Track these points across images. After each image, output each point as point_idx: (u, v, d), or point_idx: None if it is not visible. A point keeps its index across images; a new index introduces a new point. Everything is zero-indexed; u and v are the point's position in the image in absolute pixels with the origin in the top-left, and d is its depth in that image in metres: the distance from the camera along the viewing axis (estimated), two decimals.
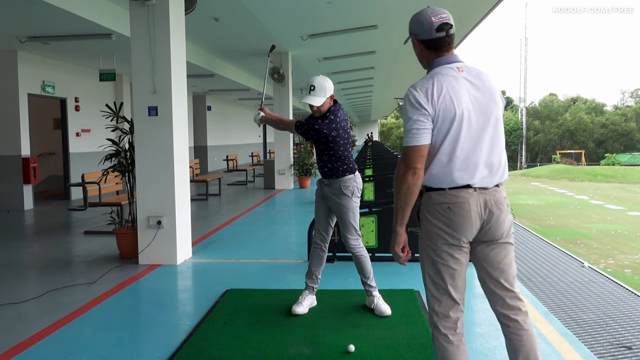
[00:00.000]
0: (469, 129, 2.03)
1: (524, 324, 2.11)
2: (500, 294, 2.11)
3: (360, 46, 11.33)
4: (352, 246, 3.62)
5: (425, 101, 2.01)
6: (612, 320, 6.28)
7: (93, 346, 3.20)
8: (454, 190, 2.04)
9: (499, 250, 2.11)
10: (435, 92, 2.01)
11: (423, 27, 2.12)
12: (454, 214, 2.04)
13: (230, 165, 15.47)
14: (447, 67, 2.09)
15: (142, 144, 5.18)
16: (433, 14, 2.11)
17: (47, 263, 5.42)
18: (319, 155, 3.64)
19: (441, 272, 2.11)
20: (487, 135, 2.06)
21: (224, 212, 9.00)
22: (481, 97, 2.06)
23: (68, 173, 10.82)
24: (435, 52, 2.13)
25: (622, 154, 54.94)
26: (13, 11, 6.44)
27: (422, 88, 2.04)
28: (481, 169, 2.05)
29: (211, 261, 5.39)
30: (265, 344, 3.15)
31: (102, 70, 9.58)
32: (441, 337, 2.13)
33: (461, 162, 2.03)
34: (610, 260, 12.70)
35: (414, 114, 2.02)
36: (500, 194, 2.09)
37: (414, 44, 2.20)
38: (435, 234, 2.09)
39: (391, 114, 61.20)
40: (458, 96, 2.02)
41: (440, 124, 2.02)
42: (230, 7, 7.62)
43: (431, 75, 2.08)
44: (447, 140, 2.02)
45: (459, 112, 2.01)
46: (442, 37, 2.09)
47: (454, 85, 2.04)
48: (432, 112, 2.01)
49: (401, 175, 2.04)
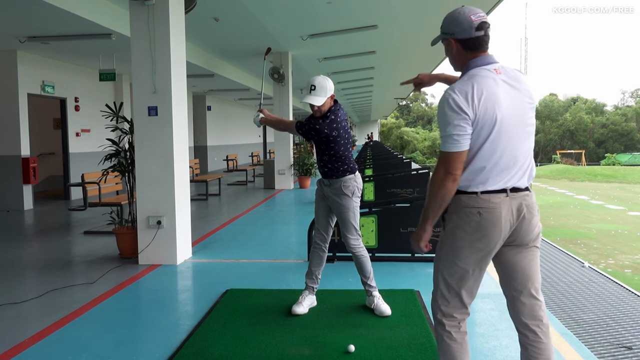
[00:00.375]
0: (507, 134, 1.98)
1: (544, 336, 2.06)
2: (525, 301, 2.07)
3: (360, 46, 11.33)
4: (352, 246, 3.62)
5: (466, 105, 1.94)
6: (612, 320, 6.27)
7: (93, 346, 3.20)
8: (486, 195, 1.99)
9: (526, 254, 2.06)
10: (476, 96, 1.94)
11: (462, 26, 2.04)
12: (483, 219, 1.99)
13: (230, 165, 15.47)
14: (484, 68, 2.02)
15: (142, 144, 5.17)
16: (471, 13, 2.03)
17: (47, 263, 5.42)
18: (320, 156, 3.64)
19: (458, 276, 2.06)
20: (523, 139, 2.02)
21: (224, 212, 8.99)
22: (519, 101, 2.01)
23: (68, 173, 10.82)
24: (473, 52, 2.05)
25: (622, 154, 54.93)
26: (13, 11, 6.43)
27: (462, 91, 1.96)
28: (516, 173, 2.01)
29: (211, 261, 5.38)
30: (265, 344, 3.15)
31: (102, 70, 9.57)
32: (445, 335, 2.11)
33: (498, 167, 1.99)
34: (611, 260, 12.69)
35: (455, 119, 1.95)
36: (532, 198, 2.05)
37: (449, 44, 2.11)
38: (460, 237, 2.03)
39: (391, 114, 61.24)
40: (498, 100, 1.96)
41: (480, 129, 1.96)
42: (230, 7, 7.62)
43: (470, 78, 2.00)
44: (486, 145, 1.97)
45: (499, 117, 1.95)
46: (481, 36, 2.03)
47: (493, 88, 1.97)
48: (473, 116, 1.94)
49: (440, 179, 1.98)
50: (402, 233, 5.11)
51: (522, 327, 2.09)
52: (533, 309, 2.07)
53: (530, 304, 2.07)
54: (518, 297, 2.08)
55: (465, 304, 2.10)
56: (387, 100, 31.56)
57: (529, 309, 2.07)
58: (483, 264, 2.06)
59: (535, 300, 2.07)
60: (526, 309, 2.07)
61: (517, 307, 2.09)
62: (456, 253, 2.05)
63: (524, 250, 2.06)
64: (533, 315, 2.07)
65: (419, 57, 14.32)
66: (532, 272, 2.07)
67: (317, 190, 3.76)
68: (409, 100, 75.37)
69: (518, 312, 2.09)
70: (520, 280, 2.07)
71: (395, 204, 5.35)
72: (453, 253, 2.06)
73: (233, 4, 7.45)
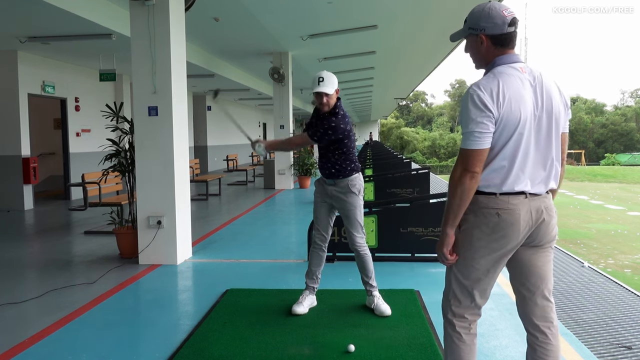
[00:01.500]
0: (530, 135, 1.94)
1: (554, 338, 2.05)
2: (537, 302, 2.05)
3: (360, 46, 11.33)
4: (358, 244, 3.62)
5: (491, 102, 1.89)
6: (612, 320, 6.27)
7: (93, 346, 3.20)
8: (505, 196, 1.96)
9: (542, 255, 2.05)
10: (501, 94, 1.90)
11: (495, 21, 1.97)
12: (502, 220, 1.95)
13: (230, 165, 15.47)
14: (510, 66, 1.98)
15: (142, 144, 5.17)
16: (503, 8, 1.99)
17: (47, 263, 5.42)
18: (327, 156, 3.58)
19: (472, 277, 2.04)
20: (546, 141, 1.98)
21: (224, 212, 9.00)
22: (544, 101, 1.97)
23: (68, 173, 10.82)
24: (502, 49, 2.01)
25: (622, 154, 54.95)
26: (13, 11, 6.44)
27: (487, 88, 1.91)
28: (537, 175, 1.98)
29: (211, 261, 5.39)
30: (265, 344, 3.15)
31: (102, 70, 9.58)
32: (455, 335, 2.10)
33: (520, 169, 1.95)
34: (610, 260, 12.70)
35: (478, 116, 1.90)
36: (551, 200, 2.03)
37: (478, 40, 2.03)
38: (477, 238, 2.00)
39: (391, 114, 61.20)
40: (523, 100, 1.92)
41: (503, 128, 1.91)
42: (230, 7, 7.62)
43: (495, 75, 1.96)
44: (509, 145, 1.93)
45: (523, 117, 1.91)
46: (513, 32, 1.99)
47: (519, 87, 1.93)
48: (497, 114, 1.90)
49: (458, 177, 1.94)
50: (402, 233, 5.12)
51: (532, 328, 2.08)
52: (544, 310, 2.06)
53: (542, 305, 2.06)
54: (530, 297, 2.06)
55: (478, 305, 2.08)
56: (387, 100, 31.55)
57: (541, 310, 2.06)
58: (498, 266, 2.04)
59: (547, 302, 2.06)
60: (538, 309, 2.06)
61: (528, 308, 2.08)
62: (472, 254, 2.02)
63: (540, 251, 2.04)
64: (544, 316, 2.06)
65: (419, 57, 14.33)
66: (546, 273, 2.06)
67: (318, 190, 3.73)
68: (409, 100, 75.38)
69: (529, 313, 2.08)
70: (533, 280, 2.05)
71: (395, 204, 5.35)
72: (469, 253, 2.03)
73: (233, 4, 7.45)
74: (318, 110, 3.64)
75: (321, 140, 3.55)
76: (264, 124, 28.90)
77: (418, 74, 18.89)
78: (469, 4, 8.47)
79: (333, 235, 5.06)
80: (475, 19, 2.03)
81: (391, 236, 5.11)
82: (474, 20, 2.03)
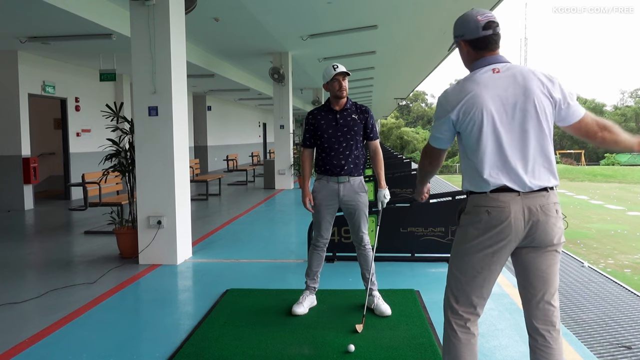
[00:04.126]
0: (499, 132, 1.99)
1: (554, 342, 2.06)
2: (539, 306, 2.05)
3: (360, 46, 11.33)
4: (366, 242, 3.65)
5: (450, 108, 2.04)
6: (612, 320, 6.28)
7: (93, 346, 3.20)
8: (495, 194, 2.00)
9: (545, 258, 2.04)
10: (463, 99, 2.01)
11: (469, 26, 2.08)
12: (492, 218, 1.98)
13: (230, 165, 15.47)
14: (483, 69, 2.05)
15: (142, 144, 5.18)
16: (479, 13, 2.07)
17: (47, 263, 5.42)
18: (346, 152, 3.53)
19: (466, 273, 2.07)
20: (521, 135, 2.00)
21: (224, 212, 9.00)
22: (516, 97, 1.99)
23: (68, 173, 10.83)
24: (481, 52, 2.08)
25: (622, 154, 54.92)
26: (13, 11, 6.44)
27: (452, 93, 2.06)
28: (520, 171, 1.98)
29: (211, 261, 5.39)
30: (265, 344, 3.15)
31: (102, 70, 9.58)
32: (451, 332, 2.12)
33: (498, 165, 1.99)
34: (610, 260, 12.71)
35: (437, 119, 2.11)
36: (548, 199, 2.01)
37: (460, 46, 2.15)
38: (470, 235, 2.05)
39: (391, 114, 61.21)
40: (490, 99, 1.98)
41: (468, 129, 2.02)
42: (230, 7, 7.62)
43: (463, 80, 2.08)
44: (481, 145, 2.01)
45: (487, 117, 1.98)
46: (489, 35, 2.05)
47: (485, 88, 2.00)
48: (455, 118, 2.03)
49: (421, 159, 2.29)
50: (402, 233, 5.12)
51: (532, 331, 2.08)
52: (546, 314, 2.06)
53: (544, 309, 2.05)
54: (532, 300, 2.07)
55: (474, 303, 2.09)
56: (387, 100, 31.55)
57: (542, 313, 2.06)
58: (493, 265, 2.04)
59: (548, 306, 2.05)
60: (539, 313, 2.06)
61: (529, 310, 2.08)
62: (465, 250, 2.06)
63: (543, 253, 2.03)
64: (545, 320, 2.06)
65: (419, 57, 14.32)
66: (549, 277, 2.05)
67: (323, 192, 3.58)
68: (408, 100, 75.37)
69: (530, 315, 2.08)
70: (536, 284, 2.05)
71: (395, 204, 5.35)
72: (463, 249, 2.08)
73: (233, 4, 7.45)
74: (328, 110, 3.60)
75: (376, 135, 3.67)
76: (264, 124, 28.91)
77: (418, 74, 18.90)
78: (469, 4, 8.48)
79: (333, 235, 5.06)
80: (455, 27, 2.16)
81: (391, 236, 5.11)
82: (455, 29, 2.16)
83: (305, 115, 3.76)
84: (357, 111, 3.61)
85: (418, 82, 22.72)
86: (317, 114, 3.64)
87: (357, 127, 3.56)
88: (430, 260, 5.05)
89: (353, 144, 3.56)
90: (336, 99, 3.58)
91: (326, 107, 3.63)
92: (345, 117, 3.56)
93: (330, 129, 3.56)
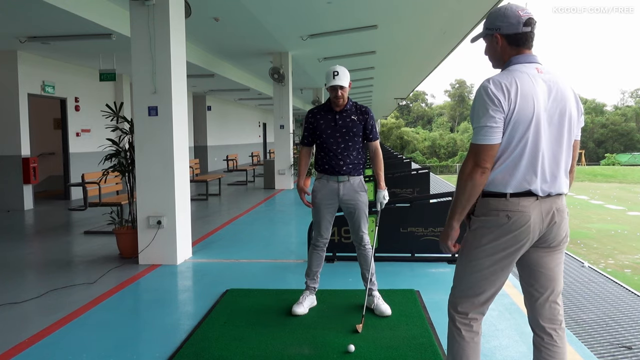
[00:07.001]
0: (542, 135, 1.93)
1: (560, 340, 2.05)
2: (545, 304, 2.05)
3: (360, 46, 11.33)
4: (366, 242, 3.64)
5: (503, 97, 1.89)
6: (612, 320, 6.28)
7: (93, 346, 3.20)
8: (516, 198, 1.94)
9: (553, 257, 2.04)
10: (513, 90, 1.90)
11: (509, 21, 2.00)
12: (512, 223, 1.93)
13: (230, 165, 15.47)
14: (525, 65, 1.98)
15: (142, 144, 5.17)
16: (519, 9, 2.01)
17: (47, 263, 5.42)
18: (345, 152, 3.53)
19: (477, 275, 2.04)
20: (558, 142, 1.97)
21: (224, 212, 8.99)
22: (557, 103, 1.96)
23: (68, 173, 10.82)
24: (517, 48, 2.02)
25: (622, 154, 54.97)
26: (13, 11, 6.43)
27: (499, 83, 1.92)
28: (549, 176, 1.96)
29: (211, 261, 5.39)
30: (265, 344, 3.15)
31: (102, 70, 9.57)
32: (455, 331, 2.11)
33: (530, 168, 1.93)
34: (610, 260, 12.71)
35: (489, 109, 1.89)
36: (563, 201, 2.01)
37: (494, 39, 2.05)
38: (485, 237, 1.99)
39: (391, 114, 61.21)
40: (536, 98, 1.92)
41: (514, 125, 1.91)
42: (230, 7, 7.62)
43: (510, 71, 1.97)
44: (520, 144, 1.92)
45: (535, 115, 1.91)
46: (528, 32, 2.00)
47: (533, 85, 1.93)
48: (507, 110, 1.89)
49: (468, 172, 1.93)
50: (402, 233, 5.12)
51: (538, 329, 2.08)
52: (552, 313, 2.06)
53: (550, 307, 2.05)
54: (539, 298, 2.06)
55: (481, 303, 2.08)
56: (387, 100, 31.56)
57: (548, 311, 2.06)
58: (505, 267, 2.02)
59: (554, 304, 2.05)
60: (545, 311, 2.06)
61: (536, 309, 2.08)
62: (479, 252, 2.02)
63: (552, 252, 2.03)
64: (551, 318, 2.06)
65: (419, 57, 14.33)
66: (556, 275, 2.05)
67: (322, 192, 3.59)
68: (409, 100, 75.37)
69: (536, 314, 2.08)
70: (543, 282, 2.05)
71: (395, 204, 5.35)
72: (476, 251, 2.03)
73: (233, 4, 7.45)
74: (328, 110, 3.59)
75: (376, 136, 3.65)
76: (264, 124, 28.91)
77: (418, 74, 18.89)
78: (468, 4, 8.49)
79: (333, 235, 5.06)
80: (491, 19, 2.06)
81: (391, 236, 5.11)
82: (490, 21, 2.07)
83: (305, 114, 3.76)
84: (357, 112, 3.60)
85: (418, 82, 22.72)
86: (317, 113, 3.63)
87: (356, 128, 3.54)
88: (430, 261, 5.04)
89: (352, 144, 3.55)
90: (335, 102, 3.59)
91: (326, 106, 3.62)
92: (344, 118, 3.55)
93: (329, 130, 3.55)
